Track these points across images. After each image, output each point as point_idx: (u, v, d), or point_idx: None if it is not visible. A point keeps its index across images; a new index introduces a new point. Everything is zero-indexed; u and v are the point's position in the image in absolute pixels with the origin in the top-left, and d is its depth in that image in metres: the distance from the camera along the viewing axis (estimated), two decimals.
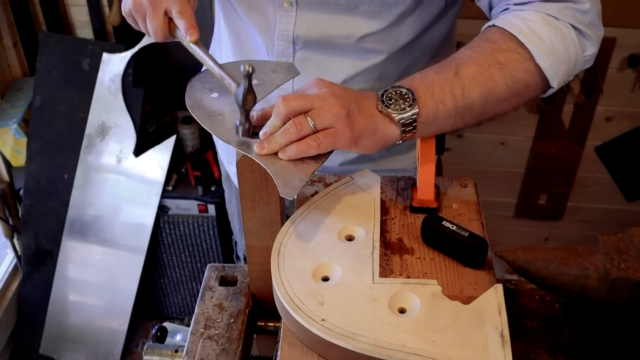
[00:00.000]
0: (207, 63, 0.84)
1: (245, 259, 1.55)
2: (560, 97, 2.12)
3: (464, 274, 0.80)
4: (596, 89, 2.07)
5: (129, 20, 0.92)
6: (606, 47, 2.01)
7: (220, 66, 0.84)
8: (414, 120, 0.81)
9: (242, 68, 0.76)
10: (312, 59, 1.04)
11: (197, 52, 0.84)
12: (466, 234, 0.81)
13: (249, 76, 0.77)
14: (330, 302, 0.71)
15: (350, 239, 0.81)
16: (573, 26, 0.88)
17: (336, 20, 0.98)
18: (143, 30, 0.91)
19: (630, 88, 2.10)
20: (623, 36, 1.99)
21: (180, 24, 0.85)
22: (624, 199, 2.36)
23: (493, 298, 0.73)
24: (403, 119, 0.80)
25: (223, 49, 1.20)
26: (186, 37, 0.84)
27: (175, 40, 0.88)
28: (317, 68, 1.04)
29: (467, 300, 0.73)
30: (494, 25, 0.89)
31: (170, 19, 0.86)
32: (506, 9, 0.91)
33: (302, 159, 0.77)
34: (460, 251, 0.81)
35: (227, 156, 1.35)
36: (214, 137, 1.39)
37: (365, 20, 0.98)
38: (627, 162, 2.26)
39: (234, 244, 1.71)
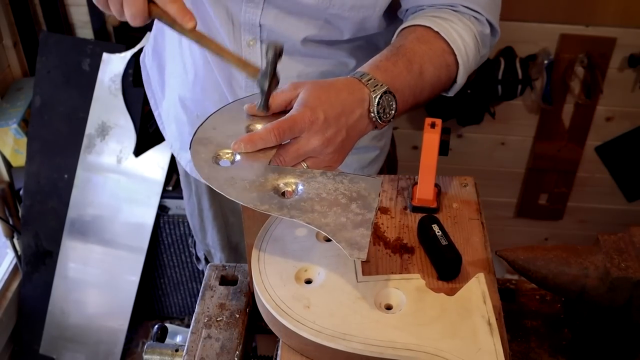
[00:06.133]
0: (219, 51, 0.80)
1: (206, 259, 1.55)
2: (560, 97, 2.12)
3: (464, 276, 0.80)
4: (596, 89, 2.07)
5: (100, 6, 0.87)
6: (606, 47, 2.01)
7: (226, 51, 0.81)
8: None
9: (266, 50, 0.76)
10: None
11: (202, 40, 0.80)
12: (445, 243, 0.80)
13: (275, 57, 0.76)
14: (316, 305, 0.71)
15: (329, 239, 0.80)
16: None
17: (300, 20, 1.00)
18: (117, 16, 0.85)
19: (630, 88, 2.10)
20: (623, 36, 1.99)
21: (172, 10, 0.80)
22: (624, 199, 2.36)
23: (476, 287, 0.74)
24: (384, 125, 0.87)
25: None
26: (184, 25, 0.80)
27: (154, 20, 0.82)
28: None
29: (451, 291, 0.73)
30: (430, 28, 0.96)
31: (150, 1, 0.81)
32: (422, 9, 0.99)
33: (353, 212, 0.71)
34: (434, 258, 0.81)
35: (178, 143, 1.33)
36: (168, 138, 1.36)
37: (329, 24, 1.00)
38: (627, 162, 2.26)
39: (192, 246, 1.67)
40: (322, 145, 0.80)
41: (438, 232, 0.81)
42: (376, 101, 0.84)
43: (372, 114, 0.85)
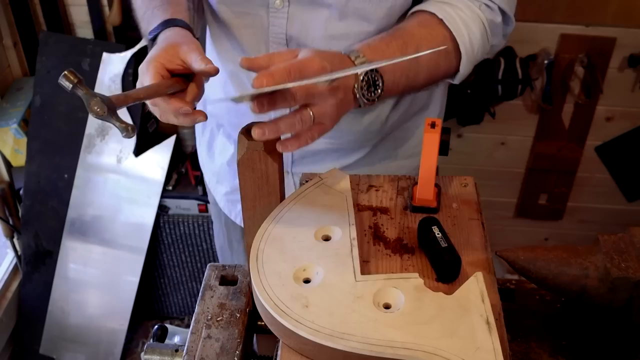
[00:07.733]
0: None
1: None
2: (560, 97, 2.12)
3: (464, 277, 0.80)
4: (596, 89, 2.07)
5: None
6: (606, 47, 2.01)
7: None
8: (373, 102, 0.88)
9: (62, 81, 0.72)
10: None
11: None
12: (445, 245, 0.80)
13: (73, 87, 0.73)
14: (315, 304, 0.71)
15: (326, 239, 0.80)
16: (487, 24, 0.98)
17: (327, 21, 0.99)
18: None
19: (630, 88, 2.10)
20: (623, 36, 1.99)
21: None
22: (624, 199, 2.36)
23: (475, 286, 0.73)
24: (368, 104, 0.87)
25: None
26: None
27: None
28: None
29: (449, 290, 0.73)
30: (435, 14, 0.95)
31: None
32: None
33: None
34: (433, 260, 0.81)
35: (215, 177, 1.32)
36: (201, 164, 1.38)
37: (355, 20, 0.99)
38: (627, 162, 2.26)
39: None
40: (329, 92, 0.80)
41: (438, 234, 0.81)
42: (360, 77, 0.85)
43: (356, 90, 0.85)
